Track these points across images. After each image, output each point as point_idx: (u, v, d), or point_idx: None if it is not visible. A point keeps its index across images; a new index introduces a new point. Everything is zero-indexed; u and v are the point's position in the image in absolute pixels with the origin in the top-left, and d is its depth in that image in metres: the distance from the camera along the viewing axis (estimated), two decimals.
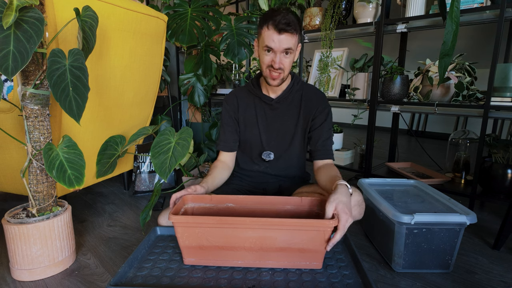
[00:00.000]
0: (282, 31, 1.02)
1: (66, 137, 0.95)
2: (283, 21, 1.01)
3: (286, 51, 1.06)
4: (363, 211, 1.02)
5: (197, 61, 1.99)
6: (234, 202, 1.00)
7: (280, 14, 1.03)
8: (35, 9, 0.81)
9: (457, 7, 0.91)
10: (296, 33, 1.05)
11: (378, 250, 1.16)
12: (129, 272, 0.90)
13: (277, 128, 1.21)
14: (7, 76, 0.73)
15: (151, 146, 1.15)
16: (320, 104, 1.18)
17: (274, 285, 0.84)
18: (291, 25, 1.02)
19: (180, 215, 0.88)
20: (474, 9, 1.35)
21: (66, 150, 0.93)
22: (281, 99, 1.18)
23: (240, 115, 1.24)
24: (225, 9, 2.61)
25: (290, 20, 1.02)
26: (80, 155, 0.95)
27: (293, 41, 1.05)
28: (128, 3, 1.27)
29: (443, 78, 1.00)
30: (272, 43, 1.05)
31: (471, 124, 3.34)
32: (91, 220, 1.39)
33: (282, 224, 0.82)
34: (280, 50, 1.05)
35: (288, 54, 1.07)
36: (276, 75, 1.10)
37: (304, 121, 1.20)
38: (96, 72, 1.20)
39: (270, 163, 1.23)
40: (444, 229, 0.98)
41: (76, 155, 0.94)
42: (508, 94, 1.33)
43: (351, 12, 1.84)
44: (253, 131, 1.23)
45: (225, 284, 0.85)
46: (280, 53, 1.06)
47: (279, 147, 1.21)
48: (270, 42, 1.05)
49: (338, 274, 0.90)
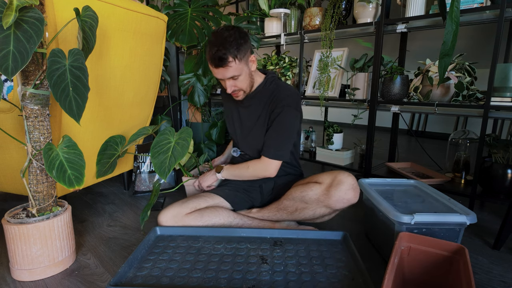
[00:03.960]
0: (217, 67, 1.08)
1: (66, 137, 0.95)
2: (216, 57, 1.05)
3: (233, 77, 1.12)
4: (358, 194, 1.12)
5: (197, 61, 1.99)
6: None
7: (214, 47, 1.05)
8: (35, 9, 0.81)
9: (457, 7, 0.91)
10: (234, 60, 1.07)
11: (378, 250, 1.16)
12: (129, 272, 0.90)
13: (240, 127, 1.31)
14: (7, 76, 0.73)
15: (151, 146, 1.15)
16: (281, 101, 1.19)
17: (274, 285, 0.84)
18: (224, 60, 1.05)
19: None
20: (474, 9, 1.35)
21: (66, 150, 0.93)
22: (250, 97, 1.24)
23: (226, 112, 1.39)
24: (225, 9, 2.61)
25: (221, 54, 1.05)
26: (80, 155, 0.95)
27: (232, 69, 1.09)
28: (128, 3, 1.27)
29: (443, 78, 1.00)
30: (216, 75, 1.12)
31: (471, 124, 3.34)
32: (91, 220, 1.39)
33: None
34: (226, 78, 1.12)
35: (237, 77, 1.12)
36: (235, 95, 1.19)
37: (265, 117, 1.24)
38: (96, 72, 1.20)
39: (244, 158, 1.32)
40: (444, 229, 0.97)
41: (76, 155, 0.94)
42: (508, 94, 1.33)
43: (351, 12, 1.84)
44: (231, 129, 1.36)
45: (225, 284, 0.85)
46: (228, 80, 1.12)
47: (246, 143, 1.31)
48: (214, 74, 1.13)
49: (338, 274, 0.90)
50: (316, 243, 1.06)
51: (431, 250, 0.88)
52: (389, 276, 0.74)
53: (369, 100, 1.70)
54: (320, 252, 1.00)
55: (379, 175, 1.75)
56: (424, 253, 0.89)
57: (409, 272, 0.90)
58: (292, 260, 0.95)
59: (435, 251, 0.88)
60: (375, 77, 1.66)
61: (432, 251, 0.88)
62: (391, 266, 0.78)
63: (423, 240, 0.89)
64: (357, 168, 1.93)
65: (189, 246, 1.04)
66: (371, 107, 1.70)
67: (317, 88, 1.94)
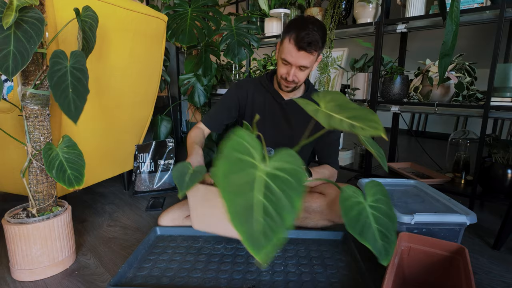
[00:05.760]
0: (301, 49, 1.01)
1: (66, 137, 0.95)
2: (306, 40, 1.00)
3: (302, 67, 1.06)
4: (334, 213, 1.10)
5: (197, 61, 1.99)
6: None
7: (305, 30, 1.00)
8: (35, 9, 0.81)
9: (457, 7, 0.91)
10: (316, 51, 1.04)
11: None
12: (129, 272, 0.90)
13: (283, 128, 1.23)
14: (7, 76, 0.73)
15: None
16: None
17: (274, 285, 0.84)
18: (312, 45, 1.01)
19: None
20: (474, 9, 1.35)
21: (66, 150, 0.93)
22: (292, 102, 1.19)
23: (247, 109, 1.24)
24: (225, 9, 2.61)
25: (313, 39, 1.00)
26: (80, 155, 0.95)
27: (311, 59, 1.04)
28: (128, 3, 1.27)
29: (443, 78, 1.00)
30: (289, 58, 1.05)
31: (471, 124, 3.34)
32: (91, 220, 1.39)
33: None
34: (296, 65, 1.06)
35: (304, 69, 1.07)
36: (288, 84, 1.12)
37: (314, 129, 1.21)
38: (96, 72, 1.20)
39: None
40: (444, 229, 0.97)
41: (76, 155, 0.94)
42: (508, 94, 1.33)
43: (351, 12, 1.84)
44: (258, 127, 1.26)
45: (225, 284, 0.85)
46: (296, 67, 1.06)
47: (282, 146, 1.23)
48: (287, 56, 1.05)
49: (338, 274, 0.90)
50: (316, 243, 1.06)
51: (431, 250, 0.88)
52: (389, 276, 0.74)
53: (369, 100, 1.70)
54: (320, 252, 1.00)
55: (379, 175, 1.75)
56: (424, 253, 0.89)
57: (409, 272, 0.90)
58: (292, 260, 0.95)
59: (435, 251, 0.88)
60: (375, 77, 1.66)
61: (432, 251, 0.88)
62: (391, 266, 0.78)
63: (423, 240, 0.89)
64: (357, 168, 1.93)
65: (189, 246, 1.04)
66: (371, 107, 1.70)
67: (317, 88, 1.94)
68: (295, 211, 0.47)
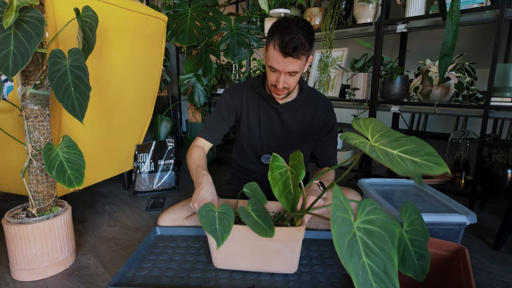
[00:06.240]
0: (287, 55, 0.95)
1: (66, 137, 0.95)
2: (291, 45, 0.93)
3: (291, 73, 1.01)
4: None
5: (197, 61, 1.99)
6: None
7: (289, 34, 0.92)
8: (35, 9, 0.81)
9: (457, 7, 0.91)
10: (304, 54, 0.97)
11: None
12: (129, 272, 0.90)
13: (280, 133, 1.20)
14: (7, 76, 0.73)
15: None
16: (327, 114, 1.19)
17: (274, 285, 0.84)
18: (299, 50, 0.94)
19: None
20: (474, 9, 1.35)
21: (66, 150, 0.93)
22: (287, 105, 1.16)
23: (243, 114, 1.20)
24: (225, 9, 2.61)
25: (298, 43, 0.93)
26: (80, 155, 0.95)
27: (299, 63, 0.98)
28: (128, 3, 1.27)
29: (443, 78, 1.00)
30: (276, 65, 0.99)
31: (471, 124, 3.34)
32: (91, 220, 1.39)
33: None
34: (285, 72, 1.00)
35: (294, 74, 1.02)
36: (280, 93, 1.07)
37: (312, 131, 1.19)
38: (96, 72, 1.20)
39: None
40: (444, 229, 0.97)
41: (76, 155, 0.94)
42: (508, 94, 1.33)
43: (351, 12, 1.84)
44: (255, 134, 1.21)
45: (225, 284, 0.85)
46: (285, 74, 1.01)
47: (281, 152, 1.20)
48: (274, 63, 0.99)
49: (338, 274, 0.90)
50: (316, 243, 1.06)
51: (431, 250, 0.88)
52: None
53: (369, 100, 1.70)
54: (320, 252, 1.00)
55: (379, 175, 1.75)
56: None
57: None
58: None
59: (435, 251, 0.88)
60: (375, 77, 1.66)
61: (432, 251, 0.88)
62: None
63: None
64: (357, 168, 1.93)
65: (189, 246, 1.04)
66: (371, 107, 1.69)
67: (317, 88, 1.94)
68: (395, 267, 0.47)
